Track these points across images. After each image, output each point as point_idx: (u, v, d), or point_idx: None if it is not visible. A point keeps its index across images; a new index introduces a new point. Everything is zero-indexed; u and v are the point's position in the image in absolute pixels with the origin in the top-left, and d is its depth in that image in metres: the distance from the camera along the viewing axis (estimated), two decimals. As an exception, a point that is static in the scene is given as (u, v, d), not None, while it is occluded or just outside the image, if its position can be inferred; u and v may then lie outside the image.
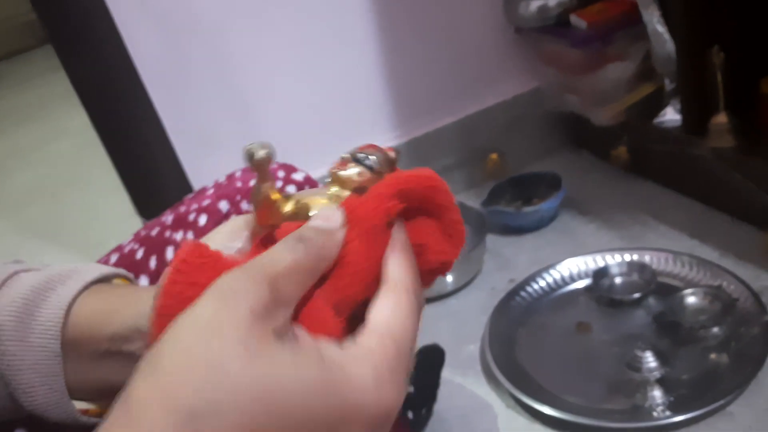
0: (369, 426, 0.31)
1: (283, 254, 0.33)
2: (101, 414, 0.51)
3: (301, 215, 0.36)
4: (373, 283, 0.35)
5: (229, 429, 0.28)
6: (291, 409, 0.29)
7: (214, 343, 0.29)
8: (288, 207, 0.36)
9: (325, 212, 0.35)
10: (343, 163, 0.37)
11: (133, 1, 1.18)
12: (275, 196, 0.36)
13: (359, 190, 0.37)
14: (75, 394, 0.48)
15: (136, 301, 0.46)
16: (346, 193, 0.37)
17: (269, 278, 0.31)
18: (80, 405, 0.49)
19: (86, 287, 0.49)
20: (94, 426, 0.50)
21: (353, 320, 0.35)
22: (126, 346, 0.47)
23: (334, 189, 0.38)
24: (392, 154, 0.39)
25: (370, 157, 0.37)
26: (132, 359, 0.48)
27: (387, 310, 0.34)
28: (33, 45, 3.86)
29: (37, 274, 0.51)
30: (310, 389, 0.30)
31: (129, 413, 0.29)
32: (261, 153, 0.34)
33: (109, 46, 1.19)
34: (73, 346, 0.47)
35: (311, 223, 0.35)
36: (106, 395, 0.51)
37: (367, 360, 0.32)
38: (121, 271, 0.54)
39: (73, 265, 0.52)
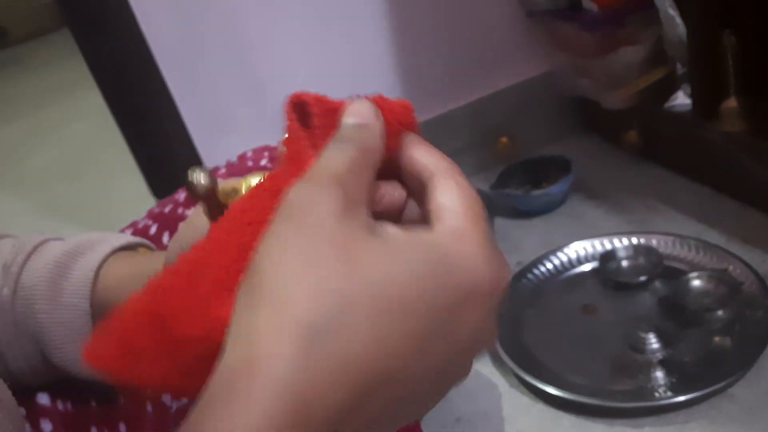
0: (486, 303, 0.30)
1: (337, 156, 0.31)
2: None
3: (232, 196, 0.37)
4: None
5: (354, 338, 0.26)
6: (409, 301, 0.27)
7: (311, 256, 0.27)
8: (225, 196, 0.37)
9: (356, 108, 0.33)
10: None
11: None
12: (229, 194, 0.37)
13: None
14: None
15: (159, 261, 0.48)
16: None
17: (336, 180, 0.29)
18: None
19: (114, 252, 0.52)
20: (115, 388, 0.53)
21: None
22: None
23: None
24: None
25: None
26: None
27: (452, 191, 0.32)
28: (52, 28, 3.90)
29: (67, 241, 0.54)
30: (422, 276, 0.28)
31: (247, 341, 0.27)
32: (204, 182, 0.35)
33: (124, 28, 1.20)
34: (101, 306, 0.50)
35: (347, 121, 0.33)
36: None
37: (466, 237, 0.30)
38: (145, 241, 0.57)
39: (101, 233, 0.55)
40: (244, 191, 0.37)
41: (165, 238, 0.67)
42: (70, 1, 1.19)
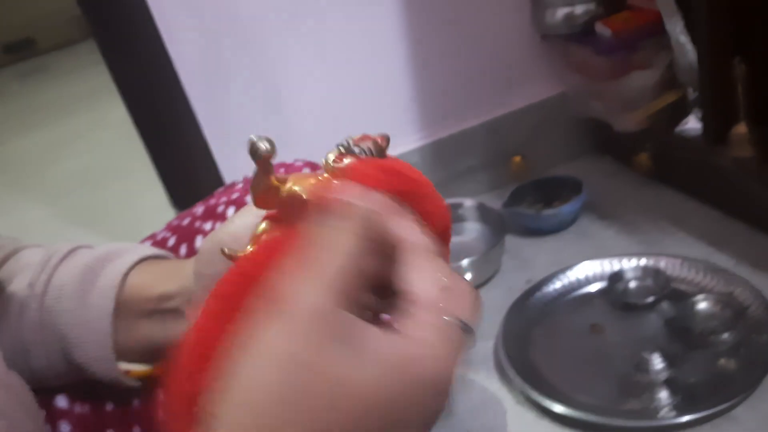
0: (438, 393, 0.31)
1: (329, 255, 0.33)
2: (141, 377, 0.57)
3: (295, 202, 0.38)
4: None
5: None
6: (370, 406, 0.29)
7: (283, 350, 0.30)
8: (282, 193, 0.39)
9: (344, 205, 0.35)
10: (340, 156, 0.39)
11: (173, 1, 1.24)
12: (274, 183, 0.39)
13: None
14: (121, 355, 0.54)
15: (184, 270, 0.51)
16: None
17: (327, 285, 0.31)
18: (124, 366, 0.55)
19: (142, 260, 0.55)
20: (129, 388, 0.56)
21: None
22: (170, 303, 0.53)
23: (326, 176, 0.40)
24: (382, 142, 0.41)
25: (364, 150, 0.40)
26: (173, 316, 0.53)
27: (411, 273, 0.33)
28: (79, 38, 3.98)
29: (98, 248, 0.57)
30: (379, 383, 0.30)
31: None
32: (265, 146, 0.37)
33: (149, 44, 1.25)
34: (125, 306, 0.53)
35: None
36: (149, 356, 0.57)
37: (422, 334, 0.31)
38: (170, 255, 0.60)
39: (129, 244, 0.59)
40: (290, 186, 0.39)
41: (182, 249, 0.70)
42: (98, 16, 1.24)
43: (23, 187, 2.44)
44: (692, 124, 1.26)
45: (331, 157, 0.39)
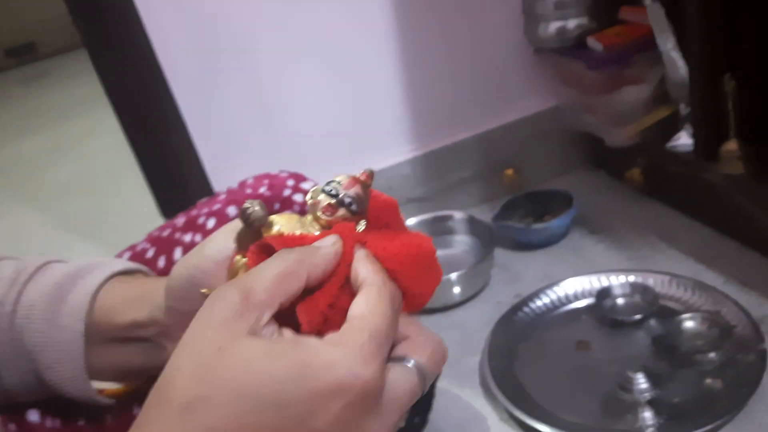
0: (347, 402, 0.34)
1: (263, 266, 0.38)
2: (115, 395, 0.56)
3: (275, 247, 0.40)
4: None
5: (217, 417, 0.33)
6: (267, 396, 0.33)
7: (196, 349, 0.35)
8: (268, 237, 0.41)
9: (324, 238, 0.40)
10: (331, 207, 0.40)
11: (164, 8, 1.23)
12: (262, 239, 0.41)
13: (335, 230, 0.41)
14: (94, 374, 0.53)
15: (153, 293, 0.50)
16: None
17: (242, 288, 0.36)
18: (97, 385, 0.54)
19: (112, 277, 0.54)
20: (106, 406, 0.56)
21: None
22: (142, 332, 0.52)
23: (312, 223, 0.42)
24: (367, 180, 0.41)
25: (354, 202, 0.40)
26: (147, 344, 0.53)
27: (360, 303, 0.38)
28: (79, 44, 3.99)
29: (68, 263, 0.56)
30: (282, 375, 0.33)
31: (144, 409, 0.36)
32: (258, 214, 0.40)
33: (139, 51, 1.24)
34: (96, 329, 0.52)
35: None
36: (124, 377, 0.57)
37: (339, 342, 0.35)
38: (143, 267, 0.59)
39: (102, 258, 0.57)
40: (276, 228, 0.41)
41: (161, 262, 0.69)
42: (88, 22, 1.23)
43: (18, 191, 2.44)
44: (684, 140, 1.25)
45: (320, 204, 0.40)
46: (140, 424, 0.35)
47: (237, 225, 0.45)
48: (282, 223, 0.41)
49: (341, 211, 0.40)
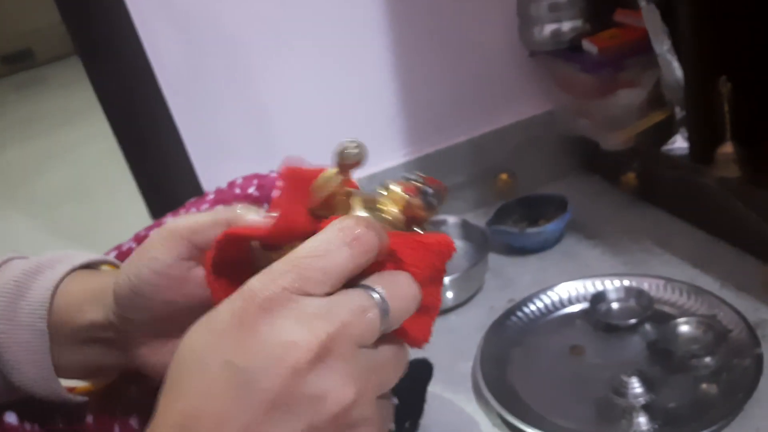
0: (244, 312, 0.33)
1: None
2: (86, 392, 0.55)
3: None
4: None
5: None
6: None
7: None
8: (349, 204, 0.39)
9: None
10: (412, 190, 0.40)
11: (156, 13, 1.22)
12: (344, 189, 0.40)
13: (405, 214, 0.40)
14: (62, 373, 0.52)
15: (107, 293, 0.48)
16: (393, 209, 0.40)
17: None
18: (67, 383, 0.52)
19: (72, 271, 0.53)
20: (79, 404, 0.54)
21: None
22: (102, 334, 0.50)
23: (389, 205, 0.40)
24: (444, 193, 0.42)
25: (434, 196, 0.40)
26: (110, 346, 0.51)
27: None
28: (75, 51, 3.99)
29: (29, 259, 0.54)
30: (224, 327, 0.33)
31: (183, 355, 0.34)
32: (355, 152, 0.38)
33: (131, 57, 1.23)
34: (58, 329, 0.51)
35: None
36: (92, 375, 0.55)
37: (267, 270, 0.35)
38: (110, 258, 0.58)
39: (64, 252, 0.55)
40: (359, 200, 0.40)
41: (145, 260, 0.68)
42: (80, 27, 1.22)
43: (11, 197, 2.43)
44: (679, 143, 1.24)
45: (404, 186, 0.40)
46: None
47: (177, 226, 0.45)
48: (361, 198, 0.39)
49: (421, 198, 0.40)
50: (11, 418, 0.55)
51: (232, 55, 1.29)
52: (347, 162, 0.37)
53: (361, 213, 0.38)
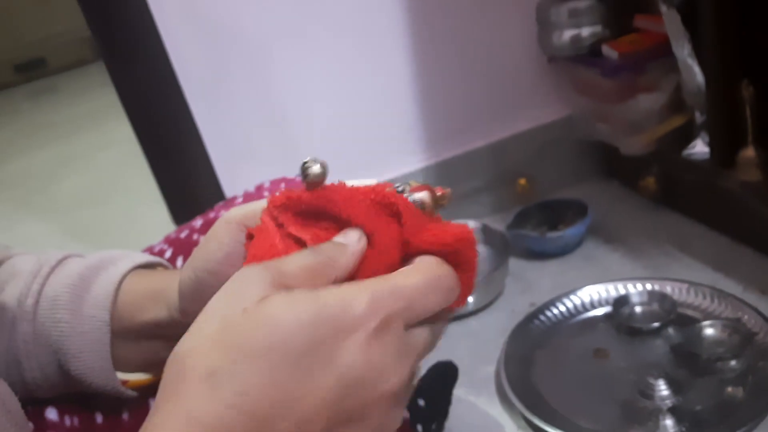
0: (360, 336, 0.34)
1: (294, 258, 0.37)
2: (138, 387, 0.55)
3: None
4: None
5: (246, 379, 0.32)
6: (295, 344, 0.32)
7: (218, 315, 0.35)
8: None
9: (348, 231, 0.39)
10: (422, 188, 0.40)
11: (180, 18, 1.24)
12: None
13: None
14: (118, 366, 0.53)
15: (172, 291, 0.50)
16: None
17: (275, 270, 0.35)
18: (121, 376, 0.54)
19: (134, 268, 0.54)
20: (124, 401, 0.55)
21: None
22: (164, 331, 0.52)
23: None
24: (440, 194, 0.41)
25: (417, 206, 0.40)
26: (171, 341, 0.52)
27: (404, 271, 0.37)
28: (90, 59, 4.02)
29: (89, 256, 0.56)
30: (307, 319, 0.33)
31: (169, 372, 0.34)
32: (315, 170, 0.38)
33: (155, 61, 1.25)
34: (120, 324, 0.52)
35: (335, 238, 0.39)
36: (148, 368, 0.56)
37: (357, 284, 0.35)
38: (163, 261, 0.59)
39: (122, 251, 0.57)
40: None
41: (179, 262, 0.69)
42: (106, 34, 1.24)
43: (28, 203, 2.44)
44: (699, 147, 1.24)
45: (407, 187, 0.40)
46: (159, 402, 0.33)
47: (231, 215, 0.45)
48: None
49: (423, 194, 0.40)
50: (52, 414, 0.56)
51: (254, 61, 1.30)
52: (309, 181, 0.38)
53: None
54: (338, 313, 0.33)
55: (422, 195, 0.40)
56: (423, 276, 0.37)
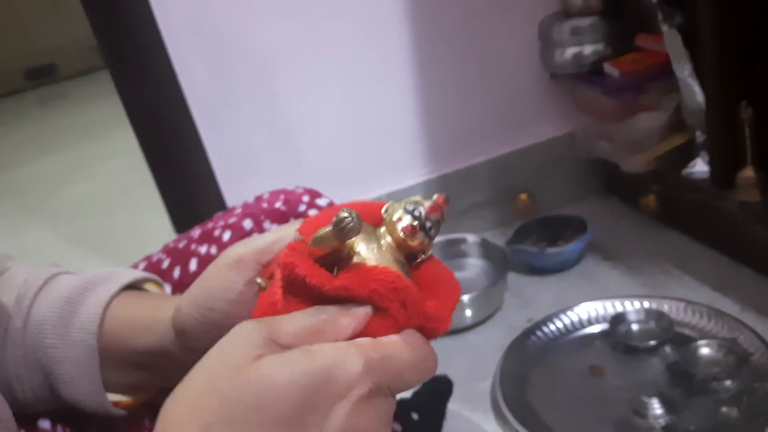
0: (348, 392, 0.34)
1: (294, 317, 0.37)
2: (129, 407, 0.56)
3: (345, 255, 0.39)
4: None
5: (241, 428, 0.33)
6: (288, 405, 0.33)
7: (213, 371, 0.35)
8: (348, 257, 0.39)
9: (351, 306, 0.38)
10: (413, 230, 0.39)
11: (185, 31, 1.25)
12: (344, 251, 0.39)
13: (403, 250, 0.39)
14: (108, 388, 0.53)
15: (163, 321, 0.50)
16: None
17: (272, 328, 0.36)
18: (112, 397, 0.54)
19: (122, 290, 0.54)
20: (119, 418, 0.55)
21: None
22: (154, 360, 0.51)
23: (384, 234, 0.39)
24: (443, 204, 0.40)
25: (434, 227, 0.39)
26: (159, 369, 0.52)
27: (395, 342, 0.37)
28: (101, 66, 4.04)
29: (77, 276, 0.56)
30: (302, 381, 0.33)
31: (162, 421, 0.35)
32: (354, 225, 0.36)
33: (160, 73, 1.26)
34: (108, 351, 0.52)
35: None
36: (135, 392, 0.56)
37: (348, 343, 0.36)
38: (153, 276, 0.59)
39: (110, 269, 0.57)
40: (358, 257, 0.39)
41: (176, 272, 0.69)
42: (112, 45, 1.25)
43: (35, 209, 2.46)
44: (699, 167, 1.25)
45: (402, 223, 0.39)
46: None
47: (237, 252, 0.45)
48: (363, 251, 0.39)
49: (420, 236, 0.39)
50: (45, 424, 0.56)
51: (258, 73, 1.32)
52: (342, 236, 0.37)
53: (363, 249, 0.39)
54: (331, 377, 0.34)
55: (436, 216, 0.39)
56: (414, 353, 0.37)
